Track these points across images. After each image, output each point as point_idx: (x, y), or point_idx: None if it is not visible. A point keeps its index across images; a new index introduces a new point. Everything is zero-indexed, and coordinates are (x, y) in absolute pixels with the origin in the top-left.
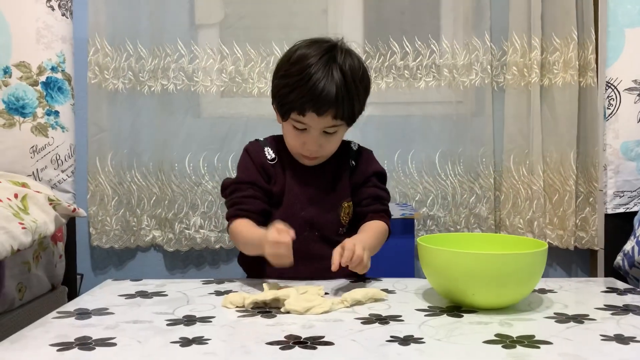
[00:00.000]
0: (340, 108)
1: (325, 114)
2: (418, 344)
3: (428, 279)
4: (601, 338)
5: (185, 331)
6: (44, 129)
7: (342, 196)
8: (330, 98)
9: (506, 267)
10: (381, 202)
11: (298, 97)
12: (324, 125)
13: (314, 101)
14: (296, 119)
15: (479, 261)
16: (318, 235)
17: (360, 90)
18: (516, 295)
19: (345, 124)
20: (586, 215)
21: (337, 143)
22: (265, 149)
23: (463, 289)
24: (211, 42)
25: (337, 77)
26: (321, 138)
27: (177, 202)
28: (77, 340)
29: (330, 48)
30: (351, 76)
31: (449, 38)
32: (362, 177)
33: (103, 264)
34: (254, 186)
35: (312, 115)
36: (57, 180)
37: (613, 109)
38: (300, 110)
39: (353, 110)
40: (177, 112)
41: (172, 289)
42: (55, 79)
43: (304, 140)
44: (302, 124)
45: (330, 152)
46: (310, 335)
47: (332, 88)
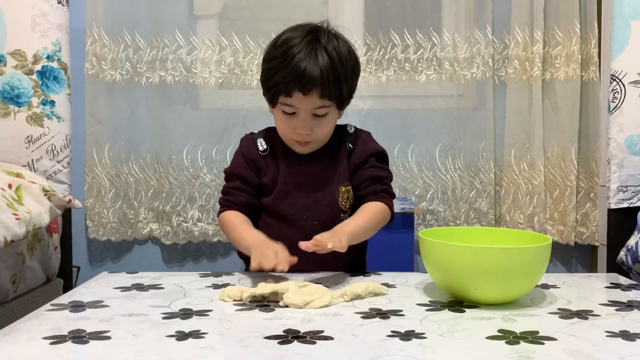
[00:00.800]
0: (325, 87)
1: (311, 93)
2: (420, 339)
3: (429, 273)
4: (606, 334)
5: (182, 325)
6: (40, 119)
7: (338, 181)
8: (314, 75)
9: (510, 262)
10: (380, 182)
11: (283, 78)
12: (312, 106)
13: (298, 79)
14: (284, 102)
15: (482, 255)
16: (317, 224)
17: (347, 70)
18: (519, 291)
19: (334, 106)
20: (587, 211)
21: (328, 126)
22: (258, 140)
23: (465, 284)
24: (210, 33)
25: (320, 56)
26: (311, 121)
27: (175, 195)
28: (71, 333)
29: (313, 29)
30: (336, 56)
31: (450, 31)
32: (360, 159)
33: (100, 257)
34: (240, 179)
35: (298, 95)
36: (52, 171)
37: (618, 102)
38: (286, 92)
39: (340, 90)
40: (175, 104)
41: (169, 282)
42: (51, 68)
43: (294, 124)
44: (290, 107)
45: (323, 137)
46: (309, 329)
47: (316, 66)
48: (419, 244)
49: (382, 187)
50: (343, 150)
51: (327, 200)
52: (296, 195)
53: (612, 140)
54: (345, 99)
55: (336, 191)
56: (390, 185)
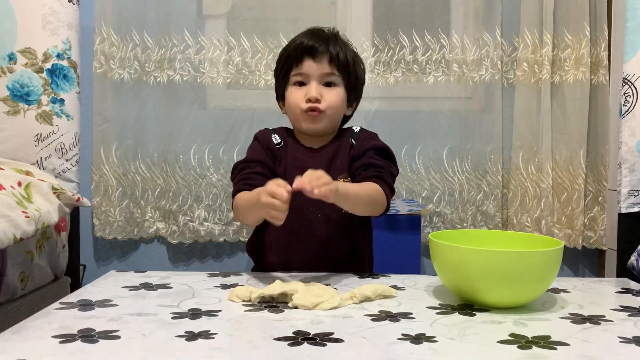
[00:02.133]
0: (334, 56)
1: (320, 57)
2: (430, 343)
3: (439, 276)
4: (619, 340)
5: (191, 325)
6: (49, 117)
7: (338, 173)
8: (323, 43)
9: (522, 265)
10: (374, 169)
11: (294, 52)
12: (322, 71)
13: (307, 47)
14: (296, 72)
15: (494, 259)
16: (321, 216)
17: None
18: (530, 294)
19: (342, 82)
20: (595, 215)
21: (337, 98)
22: (272, 135)
23: (476, 287)
24: (218, 33)
25: (328, 32)
26: (321, 88)
27: (182, 194)
28: (80, 332)
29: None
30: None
31: (459, 33)
32: (358, 152)
33: (106, 255)
34: (261, 164)
35: (309, 62)
36: (61, 169)
37: (629, 106)
38: (298, 61)
39: (347, 65)
40: (183, 104)
41: (177, 281)
42: (60, 66)
43: (306, 91)
44: (301, 76)
45: (332, 108)
46: (319, 331)
47: (324, 37)
48: (430, 246)
49: (376, 173)
50: (346, 146)
51: None
52: None
53: (623, 144)
54: (352, 84)
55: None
56: (386, 174)
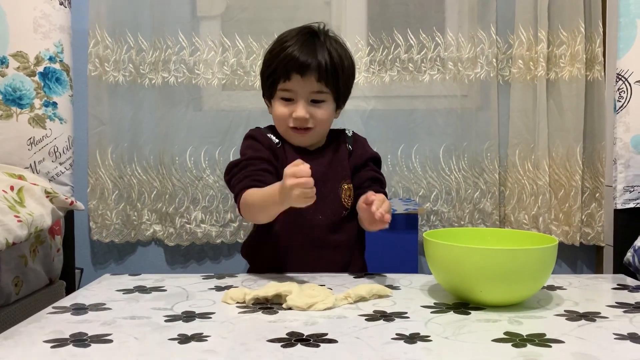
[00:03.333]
0: (323, 71)
1: (308, 75)
2: (425, 342)
3: (434, 275)
4: (614, 337)
5: (184, 327)
6: (42, 121)
7: (341, 178)
8: (312, 59)
9: (516, 263)
10: (380, 185)
11: (281, 63)
12: (310, 89)
13: (295, 61)
14: (283, 87)
15: (488, 257)
16: (322, 220)
17: (343, 62)
18: (525, 292)
19: (331, 97)
20: (592, 211)
21: (326, 115)
22: (269, 135)
23: (471, 286)
24: (213, 34)
25: (319, 44)
26: (309, 107)
27: (178, 197)
28: (72, 336)
29: (309, 26)
30: (333, 48)
31: (454, 30)
32: (360, 160)
33: (103, 259)
34: (266, 162)
35: (296, 78)
36: (55, 173)
37: (624, 101)
38: (285, 76)
39: (337, 79)
40: (178, 105)
41: (171, 284)
42: (53, 70)
43: (293, 109)
44: (288, 92)
45: (320, 127)
46: (313, 332)
47: (313, 52)
48: (424, 245)
49: (382, 189)
50: (343, 151)
51: (331, 197)
52: None
53: (618, 140)
54: (341, 93)
55: (339, 188)
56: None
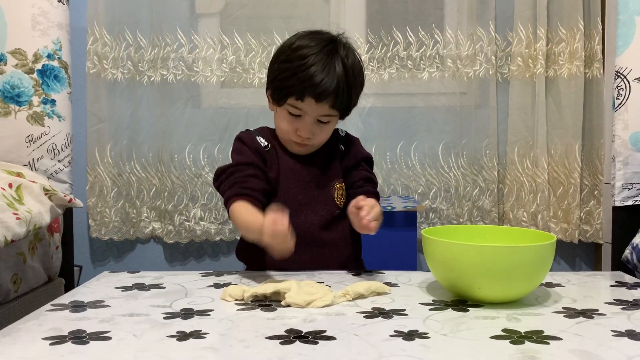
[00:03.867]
0: (339, 98)
1: (323, 102)
2: (423, 339)
3: (433, 272)
4: (612, 334)
5: (183, 325)
6: (40, 118)
7: (333, 178)
8: (331, 87)
9: (514, 261)
10: (372, 185)
11: (299, 83)
12: (320, 113)
13: (314, 87)
14: (293, 104)
15: (486, 254)
16: (316, 220)
17: (357, 84)
18: (524, 289)
19: (338, 116)
20: (591, 209)
21: (328, 133)
22: (257, 137)
23: (469, 283)
24: (211, 32)
25: (338, 68)
26: (314, 126)
27: (177, 194)
28: (71, 333)
29: (331, 40)
30: (352, 69)
31: (452, 28)
32: (353, 161)
33: (102, 256)
34: (254, 167)
35: (310, 101)
36: (53, 170)
37: (622, 99)
38: (299, 96)
39: (349, 103)
40: (177, 103)
41: (170, 281)
42: (51, 67)
43: (298, 126)
44: (298, 110)
45: (321, 143)
46: (311, 329)
47: (334, 77)
48: (422, 242)
49: (374, 190)
50: (336, 151)
51: (324, 196)
52: (296, 191)
53: (616, 137)
54: (350, 111)
55: (332, 188)
56: (376, 187)
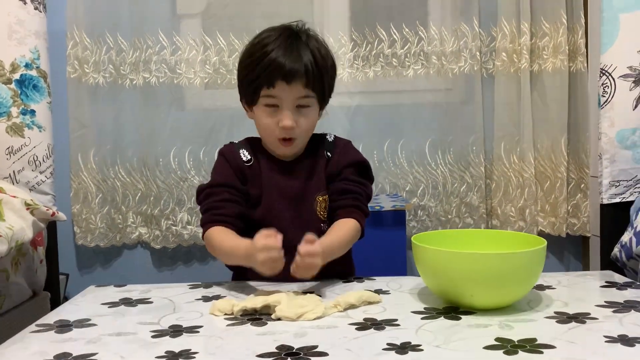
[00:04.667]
0: (310, 76)
1: (294, 81)
2: (416, 352)
3: (423, 279)
4: (605, 340)
5: (172, 344)
6: (20, 129)
7: (315, 191)
8: (297, 65)
9: (506, 267)
10: (352, 197)
11: (265, 70)
12: (296, 95)
13: (281, 69)
14: (267, 94)
15: (477, 261)
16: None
17: (327, 63)
18: (515, 295)
19: (316, 100)
20: (577, 202)
21: (312, 120)
22: (241, 151)
23: (461, 290)
24: (193, 33)
25: (302, 47)
26: (295, 113)
27: (163, 198)
28: (57, 357)
29: (290, 26)
30: (317, 49)
31: (437, 24)
32: (336, 169)
33: (89, 263)
34: (229, 189)
35: (281, 85)
36: (35, 182)
37: (608, 96)
38: (270, 82)
39: (323, 82)
40: (161, 106)
41: (158, 295)
42: (30, 77)
43: (279, 117)
44: (273, 99)
45: (306, 133)
46: (303, 344)
47: (299, 56)
48: (412, 249)
49: (354, 202)
50: (321, 160)
51: (308, 211)
52: (280, 208)
53: (603, 135)
54: (326, 94)
55: (314, 201)
56: (362, 200)
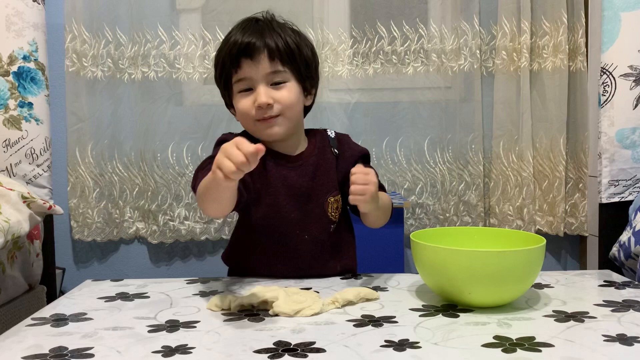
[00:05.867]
0: (273, 49)
1: (257, 56)
2: (414, 349)
3: (422, 277)
4: (603, 339)
5: (168, 339)
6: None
7: (326, 191)
8: (257, 39)
9: (505, 265)
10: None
11: (228, 54)
12: (264, 71)
13: (240, 46)
14: (237, 78)
15: (476, 259)
16: (307, 238)
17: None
18: (514, 293)
19: (292, 75)
20: (576, 201)
21: (291, 96)
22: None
23: (459, 288)
24: (193, 28)
25: (260, 23)
26: (270, 90)
27: (161, 193)
28: (52, 351)
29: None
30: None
31: (437, 22)
32: (349, 164)
33: (85, 258)
34: None
35: (247, 62)
36: (32, 175)
37: (608, 95)
38: (235, 63)
39: (292, 56)
40: (159, 101)
41: (155, 289)
42: (27, 69)
43: (254, 97)
44: (244, 82)
45: (289, 109)
46: (300, 340)
47: (256, 31)
48: (411, 246)
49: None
50: (329, 157)
51: (316, 212)
52: (287, 208)
53: (602, 134)
54: (303, 73)
55: (325, 202)
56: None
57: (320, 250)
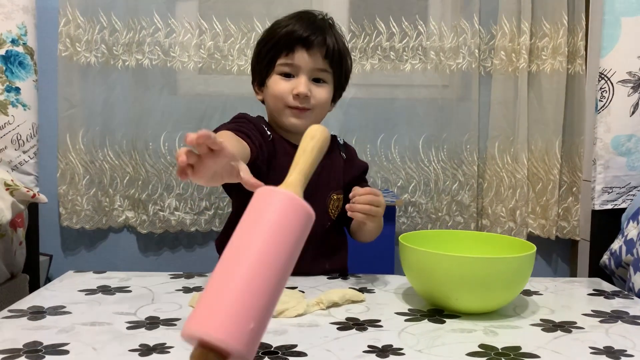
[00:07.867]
0: (329, 49)
1: (314, 50)
2: (397, 356)
3: (409, 280)
4: (590, 351)
5: (147, 336)
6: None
7: (330, 188)
8: (319, 35)
9: (493, 272)
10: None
11: (285, 37)
12: (314, 65)
13: (300, 36)
14: (284, 62)
15: (464, 265)
16: None
17: (346, 48)
18: (502, 300)
19: (331, 79)
20: (569, 205)
21: (326, 96)
22: (262, 124)
23: (446, 293)
24: (189, 16)
25: (322, 23)
26: (310, 84)
27: (152, 183)
28: (26, 346)
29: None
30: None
31: (436, 19)
32: (357, 172)
33: (73, 245)
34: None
35: (301, 52)
36: (17, 162)
37: (605, 101)
38: (289, 49)
39: (341, 63)
40: (153, 89)
41: (137, 283)
42: (16, 53)
43: (294, 85)
44: (290, 67)
45: (320, 108)
46: (282, 343)
47: (318, 29)
48: (399, 249)
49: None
50: (337, 158)
51: (318, 207)
52: None
53: (598, 140)
54: (342, 81)
55: (327, 198)
56: None
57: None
